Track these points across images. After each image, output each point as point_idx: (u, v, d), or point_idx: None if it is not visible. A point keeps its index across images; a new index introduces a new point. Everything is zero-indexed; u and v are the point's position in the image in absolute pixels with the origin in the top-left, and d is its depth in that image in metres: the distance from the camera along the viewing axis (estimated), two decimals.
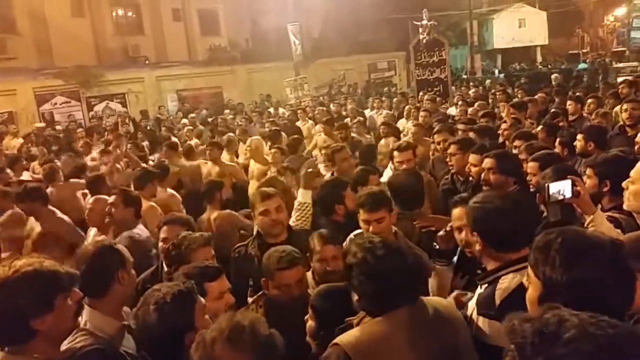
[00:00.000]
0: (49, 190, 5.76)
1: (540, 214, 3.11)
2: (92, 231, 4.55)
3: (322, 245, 2.94)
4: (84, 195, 5.75)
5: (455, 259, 2.85)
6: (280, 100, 17.34)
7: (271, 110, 15.07)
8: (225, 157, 7.37)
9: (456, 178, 4.67)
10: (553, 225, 2.29)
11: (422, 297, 2.03)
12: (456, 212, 2.72)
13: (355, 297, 2.01)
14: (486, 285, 2.17)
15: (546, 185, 2.65)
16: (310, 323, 2.30)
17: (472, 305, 2.22)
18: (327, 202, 3.73)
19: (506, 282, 2.07)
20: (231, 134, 8.99)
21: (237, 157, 8.09)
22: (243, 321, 1.64)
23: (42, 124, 14.87)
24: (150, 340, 1.95)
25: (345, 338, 1.91)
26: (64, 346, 2.19)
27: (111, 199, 4.30)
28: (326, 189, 3.82)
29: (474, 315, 2.15)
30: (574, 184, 2.62)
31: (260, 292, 2.92)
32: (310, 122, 10.85)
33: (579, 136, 4.59)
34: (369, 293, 1.94)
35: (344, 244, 2.98)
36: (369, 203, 3.05)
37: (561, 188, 2.64)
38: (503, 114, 7.71)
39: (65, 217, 5.07)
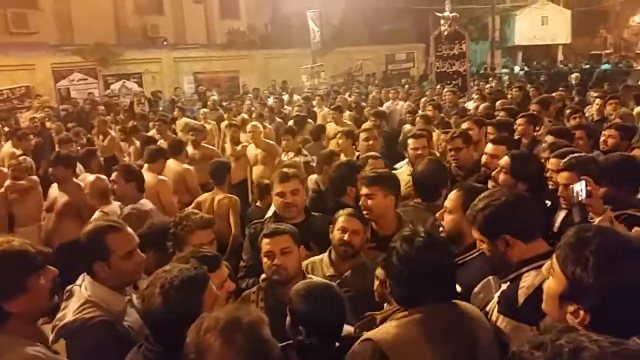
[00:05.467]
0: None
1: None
2: None
3: (348, 216, 2.94)
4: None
5: None
6: (295, 88, 17.27)
7: (285, 97, 15.02)
8: None
9: (455, 172, 4.59)
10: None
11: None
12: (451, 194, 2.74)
13: (388, 283, 2.00)
14: (508, 283, 2.11)
15: (571, 186, 2.63)
16: (288, 319, 2.21)
17: (493, 302, 2.17)
18: (339, 183, 3.74)
19: (529, 280, 2.00)
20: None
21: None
22: (243, 318, 1.53)
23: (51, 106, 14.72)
24: (153, 323, 1.86)
25: (380, 335, 1.83)
26: (73, 315, 2.19)
27: (113, 175, 4.33)
28: (340, 170, 3.82)
29: (495, 314, 2.10)
30: (586, 184, 2.59)
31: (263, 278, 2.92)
32: (326, 109, 10.81)
33: (614, 132, 4.50)
34: (405, 283, 1.92)
35: None
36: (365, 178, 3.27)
37: (579, 189, 2.62)
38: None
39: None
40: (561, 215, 3.34)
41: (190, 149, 7.06)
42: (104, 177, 4.69)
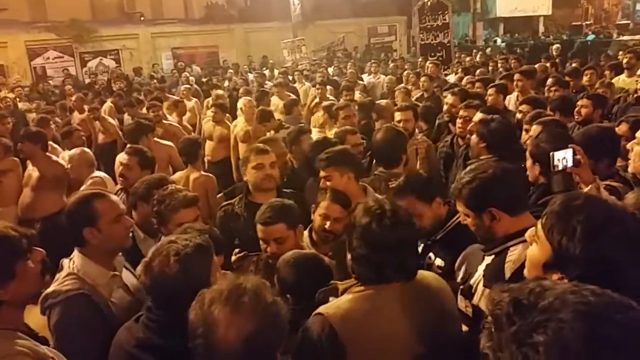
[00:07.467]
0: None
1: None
2: None
3: (330, 202, 2.88)
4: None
5: None
6: (276, 62, 17.04)
7: (266, 72, 14.82)
8: None
9: (456, 142, 4.61)
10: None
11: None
12: None
13: (349, 257, 1.89)
14: (493, 256, 2.08)
15: (551, 153, 2.59)
16: (276, 288, 2.21)
17: (478, 276, 2.13)
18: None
19: (516, 254, 1.98)
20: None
21: None
22: (246, 284, 1.52)
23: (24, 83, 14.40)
24: (165, 292, 1.81)
25: (331, 309, 1.79)
26: (53, 287, 2.17)
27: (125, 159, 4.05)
28: (316, 151, 3.67)
29: (480, 287, 2.07)
30: (575, 153, 2.56)
31: (243, 253, 2.94)
32: (308, 84, 10.71)
33: (586, 102, 4.49)
34: (366, 261, 1.82)
35: None
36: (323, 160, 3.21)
37: (563, 157, 2.57)
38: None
39: (61, 161, 5.08)
40: None
41: None
42: (87, 149, 4.89)
